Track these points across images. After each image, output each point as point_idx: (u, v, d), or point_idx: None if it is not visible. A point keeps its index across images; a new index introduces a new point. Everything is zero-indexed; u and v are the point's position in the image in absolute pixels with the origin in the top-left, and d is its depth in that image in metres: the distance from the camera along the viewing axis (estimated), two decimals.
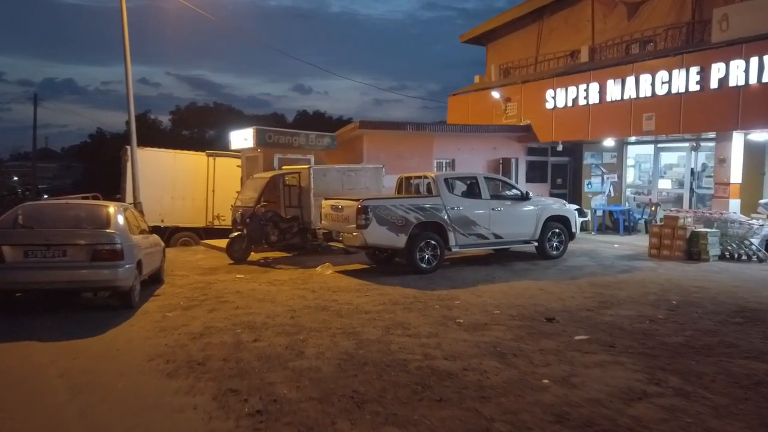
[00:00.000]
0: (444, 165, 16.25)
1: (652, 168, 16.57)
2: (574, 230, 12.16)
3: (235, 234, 11.93)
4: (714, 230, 11.51)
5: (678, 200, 16.12)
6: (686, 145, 15.29)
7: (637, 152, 17.10)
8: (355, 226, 9.90)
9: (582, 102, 15.08)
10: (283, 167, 13.38)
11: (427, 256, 10.26)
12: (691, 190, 15.34)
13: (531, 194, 11.58)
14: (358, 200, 9.99)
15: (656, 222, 16.00)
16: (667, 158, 16.79)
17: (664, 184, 16.65)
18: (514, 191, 11.69)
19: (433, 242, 10.30)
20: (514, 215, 11.37)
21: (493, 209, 11.03)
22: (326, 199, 11.12)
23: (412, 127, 15.12)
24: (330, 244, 10.87)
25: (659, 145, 16.19)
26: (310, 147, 14.16)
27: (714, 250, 11.44)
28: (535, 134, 16.62)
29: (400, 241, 10.04)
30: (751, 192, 12.88)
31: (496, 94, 17.78)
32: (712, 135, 14.16)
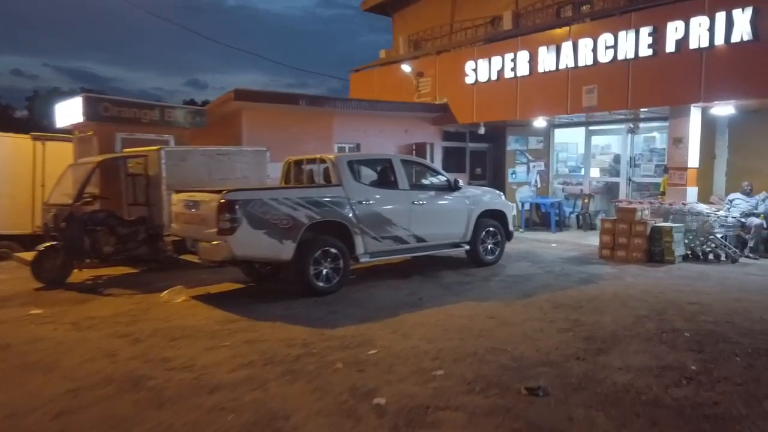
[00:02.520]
0: (348, 150, 13.23)
1: (584, 154, 14.57)
2: (511, 228, 9.63)
3: (46, 245, 8.20)
4: (678, 225, 9.41)
5: (609, 190, 14.23)
6: (622, 127, 13.37)
7: (566, 137, 15.07)
8: (215, 230, 6.62)
9: (509, 74, 12.67)
10: (125, 150, 9.72)
11: (325, 271, 7.20)
12: (628, 178, 13.43)
13: (460, 183, 8.87)
14: (220, 192, 6.70)
15: (590, 216, 14.06)
16: (599, 143, 14.87)
17: (594, 172, 14.70)
18: (439, 179, 8.93)
19: (333, 251, 7.27)
20: (440, 211, 8.60)
21: (414, 203, 8.19)
22: (178, 192, 7.71)
23: (305, 101, 11.96)
24: (183, 257, 7.45)
25: (590, 128, 14.19)
26: (169, 124, 10.58)
27: (679, 250, 9.34)
28: (453, 114, 14.06)
29: (286, 250, 6.89)
30: (702, 178, 11.01)
31: (406, 68, 15.02)
32: (651, 115, 12.28)
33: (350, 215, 7.48)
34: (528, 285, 7.72)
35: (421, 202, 8.27)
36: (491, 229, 9.23)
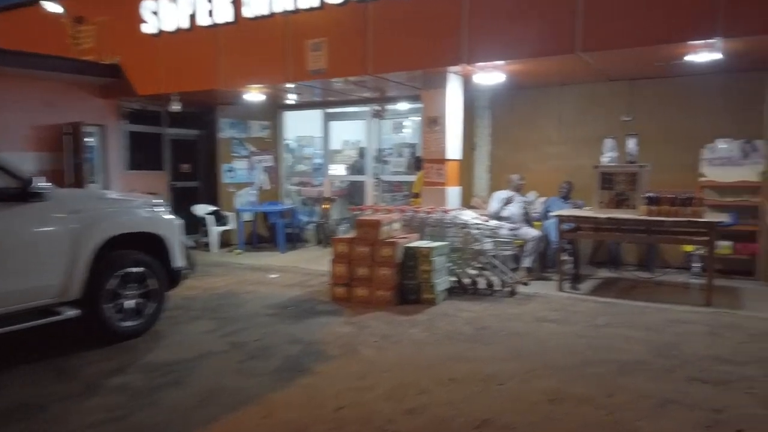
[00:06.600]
0: None
1: (322, 145, 11.11)
2: (178, 265, 5.40)
3: None
4: (441, 245, 6.26)
5: (356, 193, 11.06)
6: (367, 109, 10.19)
7: (302, 123, 11.46)
8: None
9: (205, 21, 8.46)
10: None
11: None
12: (376, 177, 10.32)
13: (43, 184, 4.37)
14: None
15: (329, 227, 10.62)
16: (343, 131, 11.58)
17: (339, 169, 11.35)
18: None
19: None
20: None
21: None
22: None
23: None
24: None
25: (328, 111, 10.78)
26: None
27: (443, 283, 6.18)
28: (130, 82, 9.34)
29: None
30: (459, 175, 8.20)
31: (53, 7, 9.77)
32: (402, 92, 9.30)
33: None
34: (164, 408, 3.58)
35: None
36: (133, 270, 4.92)
